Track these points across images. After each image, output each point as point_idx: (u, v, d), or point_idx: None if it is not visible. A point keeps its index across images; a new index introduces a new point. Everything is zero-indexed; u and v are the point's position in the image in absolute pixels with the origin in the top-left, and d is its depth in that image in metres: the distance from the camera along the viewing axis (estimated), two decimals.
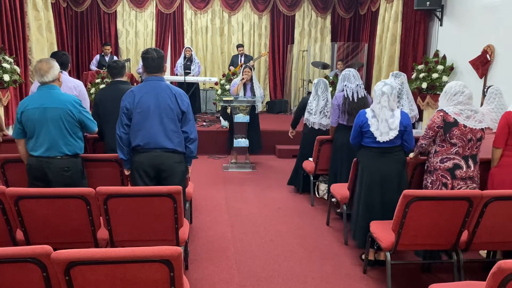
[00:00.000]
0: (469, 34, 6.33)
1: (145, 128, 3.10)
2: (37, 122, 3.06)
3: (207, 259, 3.51)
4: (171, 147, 3.14)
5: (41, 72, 3.09)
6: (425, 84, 6.69)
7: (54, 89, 3.14)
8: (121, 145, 3.16)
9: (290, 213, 4.68)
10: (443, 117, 3.17)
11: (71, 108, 3.12)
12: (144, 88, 3.16)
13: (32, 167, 3.13)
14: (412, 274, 3.36)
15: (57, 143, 3.10)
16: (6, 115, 6.04)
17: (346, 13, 10.76)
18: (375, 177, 3.35)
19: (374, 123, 3.32)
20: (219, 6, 10.49)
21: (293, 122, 5.61)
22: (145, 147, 3.12)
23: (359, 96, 4.33)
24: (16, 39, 6.45)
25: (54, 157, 3.10)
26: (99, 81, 7.90)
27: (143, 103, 3.10)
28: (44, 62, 3.12)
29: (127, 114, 3.12)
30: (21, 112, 3.08)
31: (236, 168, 6.53)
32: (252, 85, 6.55)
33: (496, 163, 3.33)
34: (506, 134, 3.24)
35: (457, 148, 3.17)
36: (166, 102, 3.12)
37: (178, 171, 3.21)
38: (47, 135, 3.07)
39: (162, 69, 3.24)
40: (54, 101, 3.09)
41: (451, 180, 3.19)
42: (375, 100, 3.36)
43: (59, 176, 3.11)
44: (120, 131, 3.14)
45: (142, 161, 3.13)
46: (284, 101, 10.62)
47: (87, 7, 9.85)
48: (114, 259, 1.79)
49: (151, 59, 3.15)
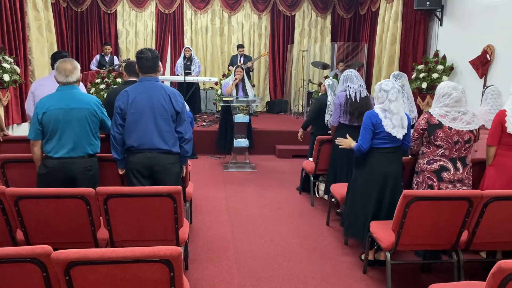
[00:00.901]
0: (469, 34, 6.32)
1: (139, 128, 3.09)
2: (61, 122, 3.03)
3: (207, 259, 3.51)
4: (166, 148, 3.14)
5: (66, 72, 3.07)
6: (425, 84, 6.69)
7: (75, 89, 3.14)
8: (115, 145, 3.17)
9: (290, 213, 4.68)
10: (427, 119, 3.17)
11: (95, 108, 3.14)
12: (138, 89, 3.15)
13: (53, 170, 3.06)
14: (412, 274, 3.36)
15: (82, 143, 3.10)
16: (6, 115, 6.04)
17: (346, 13, 10.76)
18: (387, 177, 3.31)
19: (388, 123, 3.25)
20: (219, 6, 10.49)
21: (306, 123, 5.53)
22: (139, 148, 3.12)
23: (361, 96, 4.32)
24: (16, 39, 6.44)
25: (78, 157, 3.09)
26: (99, 81, 7.90)
27: (137, 103, 3.09)
28: (68, 63, 3.10)
29: (121, 114, 3.12)
30: (42, 113, 3.03)
31: (236, 168, 6.53)
32: (244, 85, 6.57)
33: (491, 161, 3.31)
34: (499, 132, 3.23)
35: (442, 150, 3.16)
36: (160, 103, 3.11)
37: (172, 172, 3.21)
38: (72, 135, 3.06)
39: (156, 69, 3.22)
40: (78, 101, 3.09)
41: (437, 182, 3.19)
42: (390, 98, 3.23)
43: (83, 175, 3.11)
44: (114, 131, 3.14)
45: (137, 162, 3.13)
46: (284, 101, 10.62)
47: (87, 7, 9.85)
48: (114, 259, 1.79)
49: (146, 59, 3.14)
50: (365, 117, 3.38)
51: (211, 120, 8.60)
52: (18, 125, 6.50)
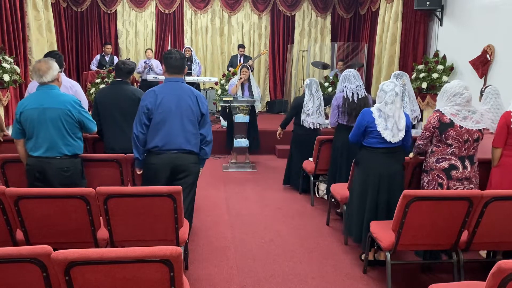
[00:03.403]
0: (469, 34, 6.33)
1: (165, 129, 3.11)
2: (36, 122, 3.05)
3: (207, 259, 3.51)
4: (188, 148, 3.17)
5: (40, 72, 3.07)
6: (425, 84, 6.70)
7: (53, 89, 3.13)
8: (137, 145, 3.17)
9: (290, 213, 4.67)
10: (438, 117, 3.16)
11: (70, 109, 3.11)
12: (165, 89, 3.17)
13: (32, 167, 3.12)
14: (412, 274, 3.36)
15: (57, 144, 3.09)
16: (6, 115, 6.04)
17: (346, 13, 10.77)
18: (382, 177, 3.31)
19: (381, 123, 3.25)
20: (219, 6, 10.50)
21: (285, 122, 5.60)
22: (162, 148, 3.13)
23: (359, 96, 4.31)
24: (16, 39, 6.45)
25: (54, 157, 3.10)
26: (99, 81, 7.90)
27: (165, 104, 3.11)
28: (42, 62, 3.10)
29: (147, 114, 3.12)
30: (20, 112, 3.07)
31: (236, 168, 6.52)
32: (250, 85, 6.56)
33: (496, 163, 3.33)
34: (505, 133, 3.24)
35: (452, 149, 3.16)
36: (187, 104, 3.14)
37: (194, 171, 3.27)
38: (47, 136, 3.06)
39: (183, 70, 3.26)
40: (53, 101, 3.08)
41: (446, 181, 3.19)
42: (386, 100, 3.24)
43: (59, 176, 3.11)
44: (137, 131, 3.14)
45: (160, 163, 3.14)
46: (284, 101, 10.62)
47: (87, 7, 9.86)
48: (114, 259, 1.79)
49: (174, 60, 3.17)
50: (360, 114, 3.42)
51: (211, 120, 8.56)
52: None
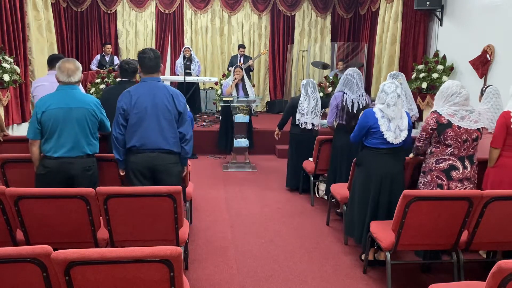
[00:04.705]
0: (469, 34, 6.32)
1: (141, 129, 3.08)
2: (61, 121, 3.04)
3: (207, 259, 3.51)
4: (167, 148, 3.13)
5: (69, 72, 3.08)
6: (425, 84, 6.69)
7: (76, 89, 3.15)
8: (117, 146, 3.15)
9: (290, 213, 4.67)
10: (436, 118, 3.16)
11: (95, 109, 3.15)
12: (140, 89, 3.14)
13: (52, 170, 3.06)
14: (412, 274, 3.36)
15: (80, 143, 3.10)
16: (6, 115, 6.04)
17: (346, 13, 10.76)
18: (384, 178, 3.30)
19: (384, 123, 3.25)
20: (219, 6, 10.50)
21: (282, 122, 5.53)
22: (140, 148, 3.11)
23: (359, 106, 4.24)
24: (16, 39, 6.44)
25: (76, 157, 3.09)
26: (99, 81, 7.90)
27: (140, 104, 3.08)
28: (71, 63, 3.11)
29: (123, 114, 3.10)
30: (42, 112, 3.03)
31: (236, 168, 6.53)
32: (244, 85, 6.58)
33: (493, 163, 3.29)
34: (504, 134, 3.22)
35: (452, 149, 3.15)
36: (163, 103, 3.10)
37: (174, 172, 3.21)
38: (71, 135, 3.06)
39: (159, 69, 3.21)
40: (79, 101, 3.10)
41: (447, 181, 3.18)
42: (388, 103, 3.22)
43: (83, 175, 3.11)
44: (116, 132, 3.12)
45: (138, 162, 3.12)
46: (284, 101, 10.60)
47: (87, 7, 9.85)
48: (114, 259, 1.79)
49: (148, 59, 3.12)
50: (362, 115, 3.40)
51: (211, 120, 8.60)
52: (18, 125, 6.50)
